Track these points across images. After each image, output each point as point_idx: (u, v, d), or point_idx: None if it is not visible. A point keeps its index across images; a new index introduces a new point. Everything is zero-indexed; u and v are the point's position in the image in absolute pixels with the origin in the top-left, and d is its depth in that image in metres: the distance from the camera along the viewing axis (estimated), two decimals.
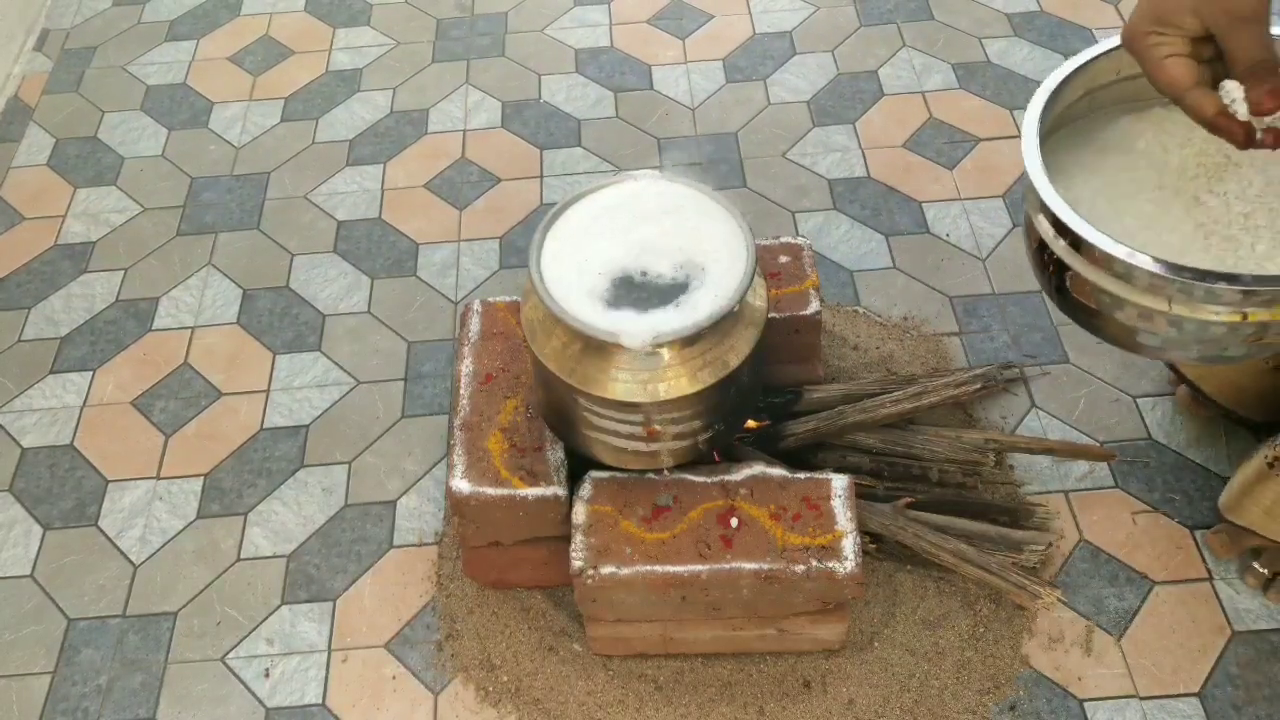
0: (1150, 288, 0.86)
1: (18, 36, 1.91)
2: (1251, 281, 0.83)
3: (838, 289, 1.44)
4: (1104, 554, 1.17)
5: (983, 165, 1.58)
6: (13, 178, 1.69)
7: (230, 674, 1.14)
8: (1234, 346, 0.89)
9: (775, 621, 1.07)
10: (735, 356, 0.96)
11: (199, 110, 1.78)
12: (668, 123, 1.69)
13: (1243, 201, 0.95)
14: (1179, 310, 0.86)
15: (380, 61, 1.84)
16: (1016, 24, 1.80)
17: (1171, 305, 0.86)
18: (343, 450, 1.32)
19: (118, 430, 1.36)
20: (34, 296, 1.52)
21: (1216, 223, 0.94)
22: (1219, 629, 1.11)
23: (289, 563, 1.23)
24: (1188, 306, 0.86)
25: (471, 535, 1.11)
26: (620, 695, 1.10)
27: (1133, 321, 0.90)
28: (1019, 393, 1.31)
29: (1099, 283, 0.90)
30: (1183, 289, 0.84)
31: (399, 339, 1.43)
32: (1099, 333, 0.96)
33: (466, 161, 1.66)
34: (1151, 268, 0.84)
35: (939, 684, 1.09)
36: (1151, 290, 0.86)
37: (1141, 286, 0.87)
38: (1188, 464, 1.24)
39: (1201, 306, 0.85)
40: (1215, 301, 0.84)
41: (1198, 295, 0.84)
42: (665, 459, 1.03)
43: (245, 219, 1.60)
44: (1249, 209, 0.94)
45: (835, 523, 1.01)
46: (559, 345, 0.97)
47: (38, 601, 1.21)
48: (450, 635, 1.15)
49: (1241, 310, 0.84)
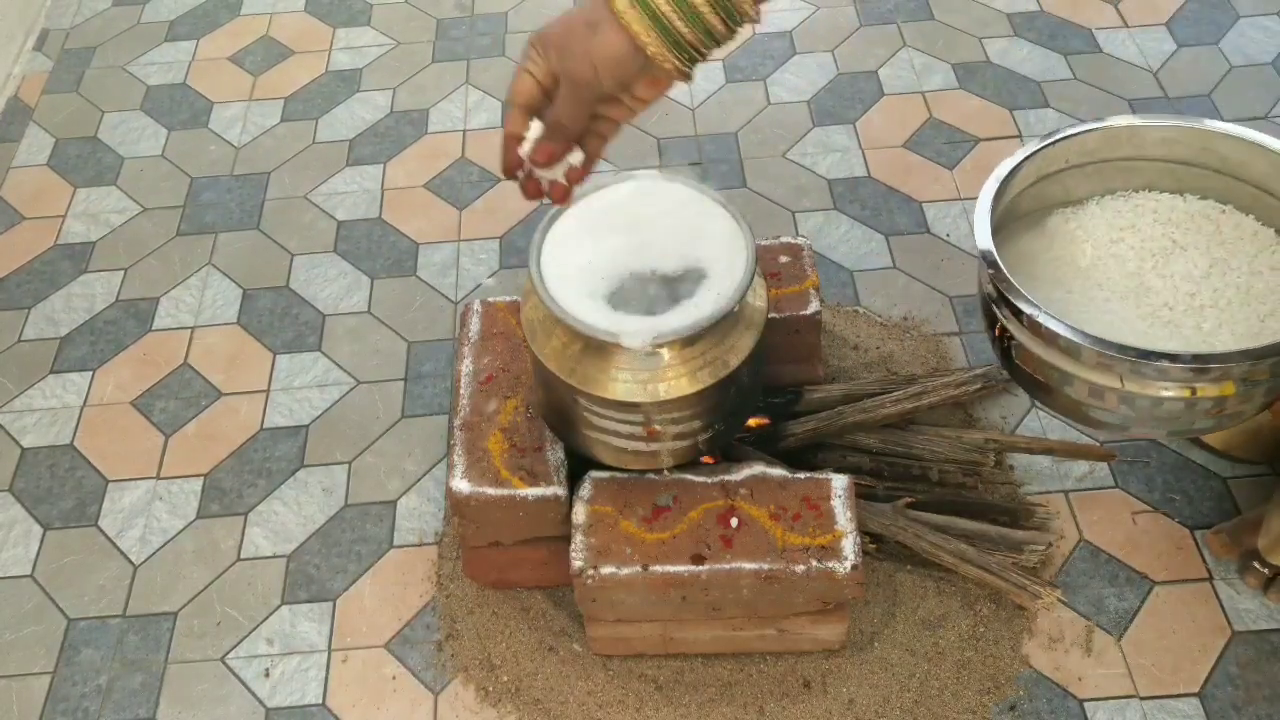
0: (1099, 365, 0.88)
1: (18, 36, 1.91)
2: (1190, 360, 0.85)
3: (838, 289, 1.44)
4: (1104, 554, 1.17)
5: (983, 165, 1.58)
6: (13, 178, 1.69)
7: (230, 674, 1.14)
8: (1199, 420, 0.91)
9: (775, 621, 1.07)
10: (735, 356, 0.96)
11: (199, 110, 1.78)
12: (668, 123, 1.69)
13: (1189, 282, 0.98)
14: (1130, 387, 0.88)
15: (380, 61, 1.84)
16: (1016, 24, 1.80)
17: (1124, 382, 0.88)
18: (343, 450, 1.32)
19: (118, 430, 1.36)
20: (34, 296, 1.52)
21: (1164, 304, 0.97)
22: (1219, 629, 1.11)
23: (289, 563, 1.23)
24: (1138, 383, 0.87)
25: (471, 535, 1.11)
26: (620, 695, 1.10)
27: (1083, 397, 0.92)
28: (1019, 393, 1.31)
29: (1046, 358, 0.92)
30: (1132, 367, 0.87)
31: (399, 339, 1.43)
32: (1050, 406, 0.98)
33: (466, 161, 1.66)
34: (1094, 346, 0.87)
35: (939, 684, 1.09)
36: (1100, 367, 0.88)
37: (1090, 364, 0.89)
38: (1188, 464, 1.24)
39: (1151, 383, 0.87)
40: (1164, 379, 0.86)
41: (1147, 373, 0.87)
42: (665, 459, 1.03)
43: (245, 219, 1.60)
44: (1194, 289, 0.97)
45: (835, 523, 1.01)
46: (559, 345, 0.97)
47: (38, 601, 1.21)
48: (450, 635, 1.15)
49: (1190, 386, 0.86)
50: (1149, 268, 1.02)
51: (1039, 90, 1.68)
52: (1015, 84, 1.70)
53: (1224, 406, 0.89)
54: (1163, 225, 1.05)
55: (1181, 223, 1.06)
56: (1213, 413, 0.90)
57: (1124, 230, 1.06)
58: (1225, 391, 0.87)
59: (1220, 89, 1.66)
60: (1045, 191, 1.09)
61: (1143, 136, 1.08)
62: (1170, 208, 1.07)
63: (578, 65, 0.74)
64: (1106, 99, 1.66)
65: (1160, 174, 1.10)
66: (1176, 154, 1.08)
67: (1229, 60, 1.71)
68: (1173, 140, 1.07)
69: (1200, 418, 0.91)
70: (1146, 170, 1.10)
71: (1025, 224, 1.09)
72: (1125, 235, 1.05)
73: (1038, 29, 1.79)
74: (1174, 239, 1.04)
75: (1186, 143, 1.07)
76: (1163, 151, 1.08)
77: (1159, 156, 1.09)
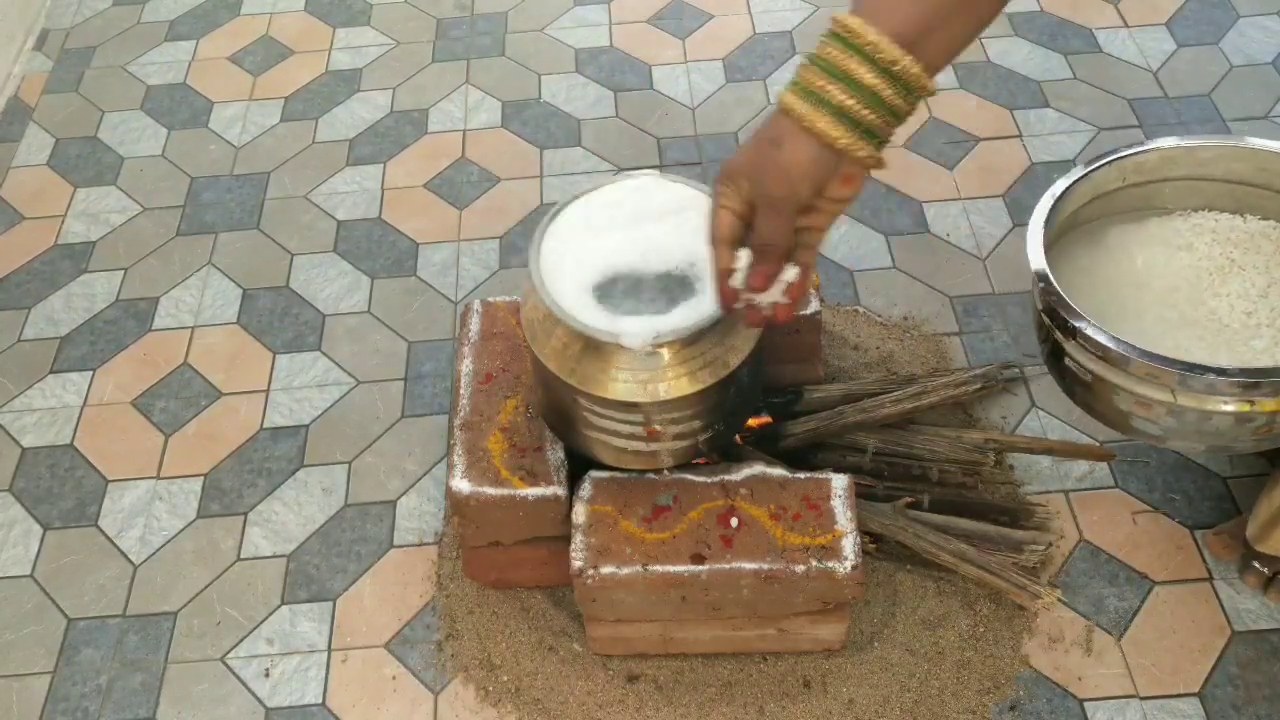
0: (1149, 376, 0.91)
1: (18, 36, 1.91)
2: (1238, 374, 0.88)
3: (838, 289, 1.44)
4: (1104, 554, 1.17)
5: (983, 165, 1.58)
6: (13, 178, 1.69)
7: (230, 674, 1.14)
8: (1243, 438, 0.92)
9: (775, 621, 1.07)
10: (735, 356, 0.96)
11: (199, 110, 1.78)
12: (668, 122, 1.69)
13: (1245, 300, 0.99)
14: (1183, 401, 0.90)
15: (380, 61, 1.84)
16: (1017, 24, 1.80)
17: (1176, 396, 0.89)
18: (343, 450, 1.32)
19: (118, 430, 1.36)
20: (34, 296, 1.52)
21: (1222, 323, 1.00)
22: (1219, 629, 1.11)
23: (289, 563, 1.23)
24: (1190, 398, 0.90)
25: (471, 535, 1.11)
26: (620, 695, 1.10)
27: (1129, 407, 0.94)
28: (1019, 393, 1.31)
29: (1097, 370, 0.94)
30: (1181, 381, 0.89)
31: (399, 339, 1.43)
32: (1092, 412, 1.00)
33: (466, 161, 1.66)
34: (1143, 359, 0.90)
35: (939, 684, 1.09)
36: (1149, 379, 0.91)
37: (1139, 375, 0.91)
38: (1188, 464, 1.24)
39: (1203, 397, 0.89)
40: (1213, 393, 0.88)
41: (1197, 387, 0.88)
42: (665, 459, 1.03)
43: (245, 219, 1.60)
44: (1251, 307, 0.99)
45: (835, 523, 1.01)
46: (559, 345, 0.97)
47: (38, 601, 1.21)
48: (450, 635, 1.15)
49: (1249, 400, 0.88)
50: (1205, 286, 1.03)
51: (1039, 90, 1.68)
52: (1015, 84, 1.70)
53: (1274, 424, 0.90)
54: (1221, 245, 1.07)
55: (1241, 242, 1.07)
56: (1263, 430, 0.91)
57: (1181, 249, 1.07)
58: (1278, 407, 0.88)
59: (1220, 89, 1.66)
60: (1101, 209, 1.10)
61: (1199, 157, 1.09)
62: (1230, 228, 1.09)
63: (773, 183, 0.74)
64: (1107, 99, 1.66)
65: (1220, 194, 1.11)
66: (1236, 174, 1.09)
67: (1229, 60, 1.71)
68: (1230, 159, 1.08)
69: (1247, 434, 0.92)
70: (1206, 190, 1.11)
71: (1079, 239, 1.10)
72: (1182, 254, 1.06)
73: (1038, 29, 1.79)
74: (1232, 258, 1.05)
75: (1245, 162, 1.08)
76: (1221, 171, 1.09)
77: (1218, 176, 1.10)
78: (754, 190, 0.76)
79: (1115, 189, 1.10)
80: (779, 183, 0.74)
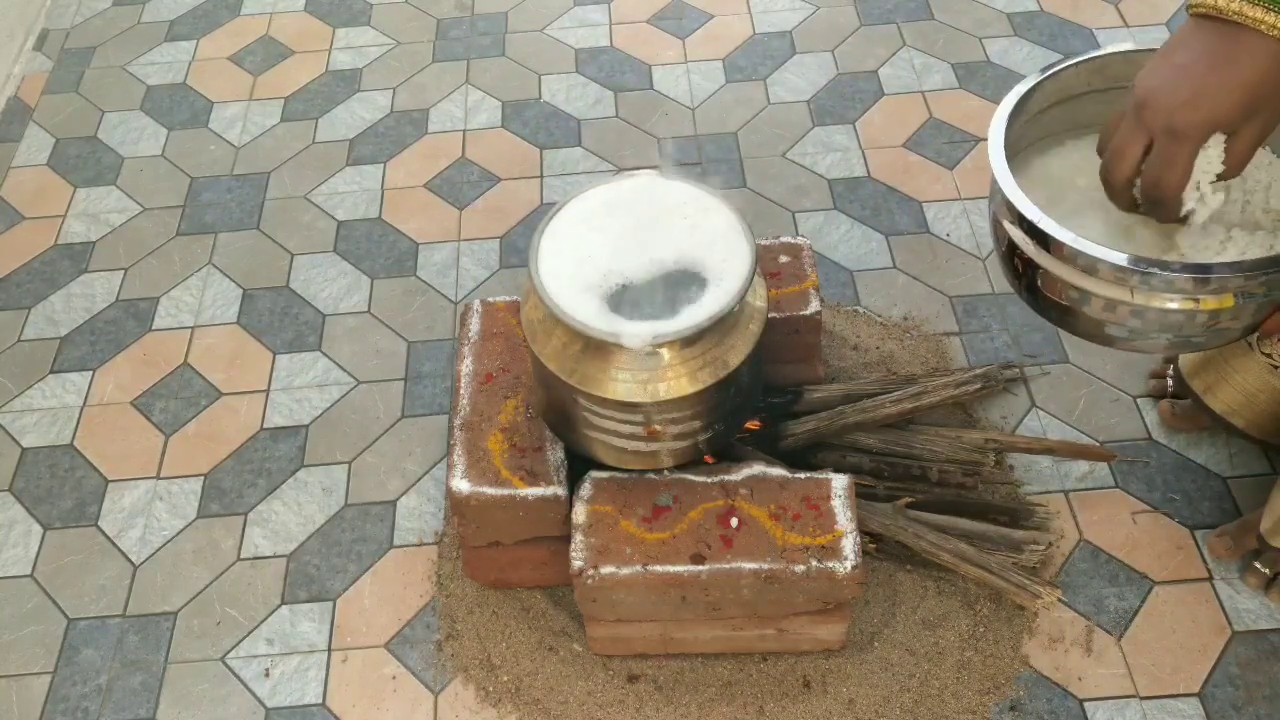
0: (1115, 279, 0.91)
1: (18, 36, 1.91)
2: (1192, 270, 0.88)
3: (838, 289, 1.44)
4: (1104, 554, 1.17)
5: (983, 165, 1.58)
6: (13, 178, 1.69)
7: (230, 674, 1.14)
8: (1195, 333, 0.93)
9: (775, 621, 1.07)
10: (735, 356, 0.96)
11: (199, 110, 1.78)
12: (668, 123, 1.69)
13: None
14: (1139, 300, 0.90)
15: (380, 61, 1.84)
16: (1017, 24, 1.80)
17: (1134, 295, 0.90)
18: (343, 450, 1.32)
19: (118, 430, 1.36)
20: (34, 296, 1.52)
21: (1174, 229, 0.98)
22: (1219, 629, 1.11)
23: (289, 563, 1.23)
24: (1146, 296, 0.90)
25: (471, 535, 1.11)
26: (620, 695, 1.10)
27: (1099, 314, 0.93)
28: (1019, 393, 1.31)
29: (1068, 279, 0.93)
30: (1142, 279, 0.89)
31: (399, 339, 1.43)
32: (1071, 328, 1.00)
33: (466, 161, 1.66)
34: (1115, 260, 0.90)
35: (939, 684, 1.09)
36: (1115, 282, 0.91)
37: (1107, 279, 0.91)
38: (1188, 464, 1.24)
39: (1158, 295, 0.90)
40: (1170, 290, 0.89)
41: (1156, 284, 0.89)
42: (665, 459, 1.03)
43: (245, 219, 1.60)
44: None
45: (835, 523, 1.01)
46: (559, 345, 0.97)
47: (38, 601, 1.21)
48: (450, 635, 1.15)
49: (1194, 298, 0.89)
50: None
51: None
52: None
53: (1219, 319, 0.91)
54: None
55: None
56: (1209, 325, 0.91)
57: None
58: (1224, 304, 0.89)
59: None
60: (1064, 117, 1.08)
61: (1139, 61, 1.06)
62: None
63: (1221, 103, 0.70)
64: None
65: None
66: None
67: None
68: None
69: (1197, 330, 0.92)
70: None
71: (1042, 149, 1.08)
72: None
73: (1038, 29, 1.79)
74: None
75: None
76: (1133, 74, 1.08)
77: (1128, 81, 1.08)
78: (1183, 119, 0.71)
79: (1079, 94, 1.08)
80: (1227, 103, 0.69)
